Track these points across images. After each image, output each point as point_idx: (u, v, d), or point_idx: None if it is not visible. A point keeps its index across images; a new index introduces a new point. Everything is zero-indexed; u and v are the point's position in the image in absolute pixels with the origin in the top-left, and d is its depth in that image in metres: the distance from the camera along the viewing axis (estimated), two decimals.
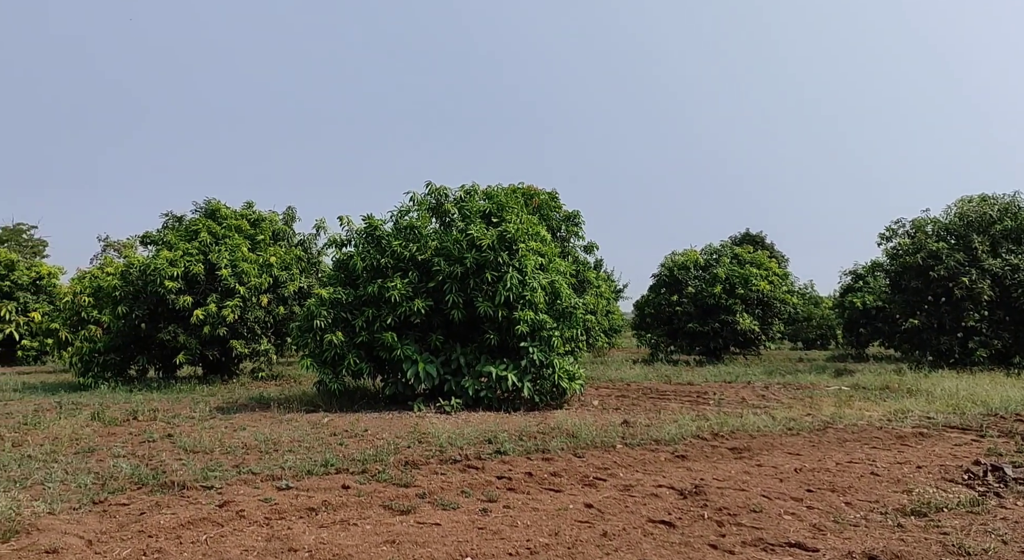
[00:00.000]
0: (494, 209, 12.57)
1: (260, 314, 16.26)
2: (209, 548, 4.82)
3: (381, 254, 12.19)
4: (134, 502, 5.90)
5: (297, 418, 10.58)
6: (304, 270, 18.14)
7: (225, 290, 15.89)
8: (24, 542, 4.83)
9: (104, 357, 16.40)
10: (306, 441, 8.61)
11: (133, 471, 6.89)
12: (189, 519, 5.42)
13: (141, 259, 16.45)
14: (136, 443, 8.61)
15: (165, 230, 18.06)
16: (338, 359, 11.82)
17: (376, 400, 12.41)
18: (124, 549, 4.78)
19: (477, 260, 11.62)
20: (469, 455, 7.76)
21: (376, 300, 11.91)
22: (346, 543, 4.92)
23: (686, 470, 7.11)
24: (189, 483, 6.48)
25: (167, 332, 15.69)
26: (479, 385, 11.49)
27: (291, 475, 6.87)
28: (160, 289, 15.35)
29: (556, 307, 12.13)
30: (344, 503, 5.92)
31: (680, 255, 23.84)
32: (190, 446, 8.25)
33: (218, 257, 16.02)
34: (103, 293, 17.24)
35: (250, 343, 16.31)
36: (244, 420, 10.40)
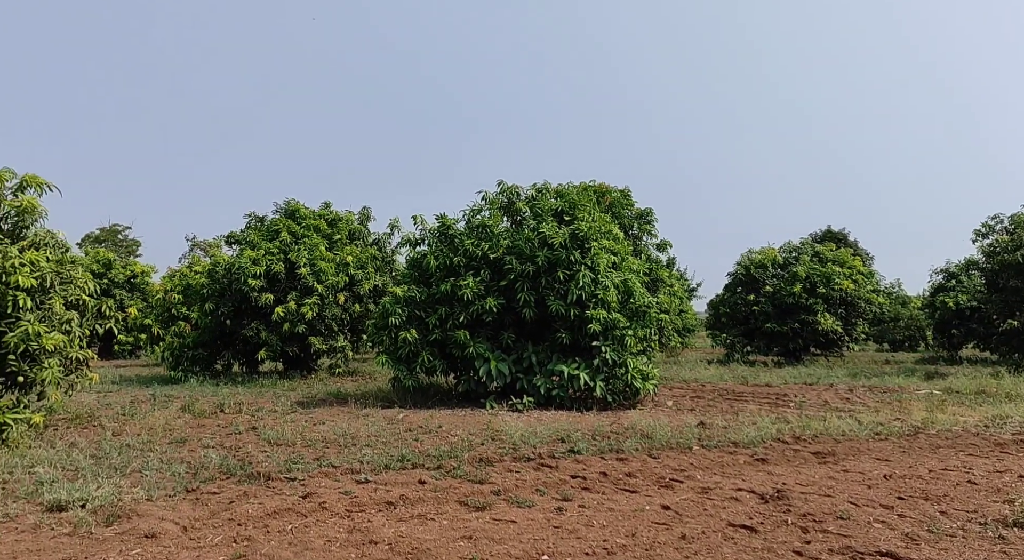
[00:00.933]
0: (566, 207, 12.52)
1: (337, 312, 16.70)
2: (294, 538, 4.98)
3: (454, 253, 12.33)
4: (224, 491, 6.14)
5: (373, 413, 10.81)
6: (379, 269, 18.53)
7: (304, 288, 16.39)
8: (125, 526, 5.10)
9: (193, 352, 17.18)
10: (383, 436, 8.78)
11: (222, 461, 7.18)
12: (275, 509, 5.61)
13: (226, 258, 17.16)
14: (224, 435, 8.96)
15: (248, 230, 18.78)
16: (412, 356, 12.02)
17: (449, 397, 12.56)
18: (216, 536, 4.98)
19: (549, 258, 11.60)
20: (542, 453, 7.76)
21: (449, 298, 12.06)
22: (424, 537, 4.99)
23: (767, 474, 6.90)
24: (274, 474, 6.70)
25: (250, 328, 16.30)
26: (551, 384, 11.48)
27: (369, 469, 7.02)
28: (244, 287, 15.96)
29: (629, 306, 11.99)
30: (421, 498, 6.01)
31: (757, 253, 23.19)
32: (273, 439, 8.54)
33: (297, 256, 16.54)
34: (191, 291, 18.06)
35: (327, 340, 16.77)
36: (323, 414, 10.70)
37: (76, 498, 5.58)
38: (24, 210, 9.09)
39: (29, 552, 4.56)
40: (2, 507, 5.47)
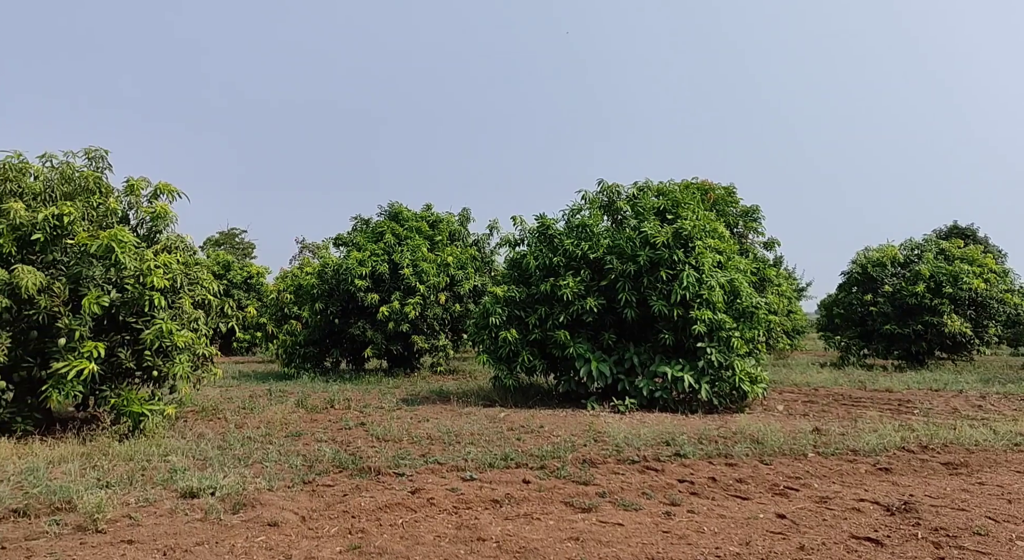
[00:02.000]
0: (668, 205, 12.27)
1: (438, 311, 17.05)
2: (405, 532, 5.10)
3: (553, 253, 12.33)
4: (338, 484, 6.38)
5: (475, 412, 10.96)
6: (478, 269, 18.79)
7: (407, 288, 16.84)
8: (250, 514, 5.39)
9: (304, 349, 17.99)
10: (485, 434, 8.88)
11: (334, 455, 7.46)
12: (386, 503, 5.78)
13: (334, 259, 17.87)
14: (335, 429, 9.32)
15: (354, 232, 19.48)
16: (512, 356, 12.11)
17: (550, 397, 12.56)
18: (332, 527, 5.18)
19: (651, 258, 11.40)
20: (647, 456, 7.63)
21: (549, 298, 12.06)
22: (531, 537, 5.00)
23: (891, 484, 6.50)
24: (383, 469, 6.91)
25: (357, 327, 16.90)
26: (654, 385, 11.27)
27: (474, 467, 7.12)
28: (351, 287, 16.57)
29: (736, 306, 11.62)
30: (526, 497, 6.03)
31: (875, 251, 21.91)
32: (381, 434, 8.80)
33: (401, 257, 17.02)
34: (303, 291, 18.91)
35: (429, 339, 17.16)
36: (427, 412, 10.94)
37: (206, 486, 5.94)
38: (157, 216, 9.79)
39: (167, 535, 4.89)
40: (143, 492, 5.90)
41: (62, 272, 8.66)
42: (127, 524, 5.11)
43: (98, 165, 9.78)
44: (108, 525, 5.03)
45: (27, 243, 8.62)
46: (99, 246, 8.40)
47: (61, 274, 8.60)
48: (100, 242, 8.39)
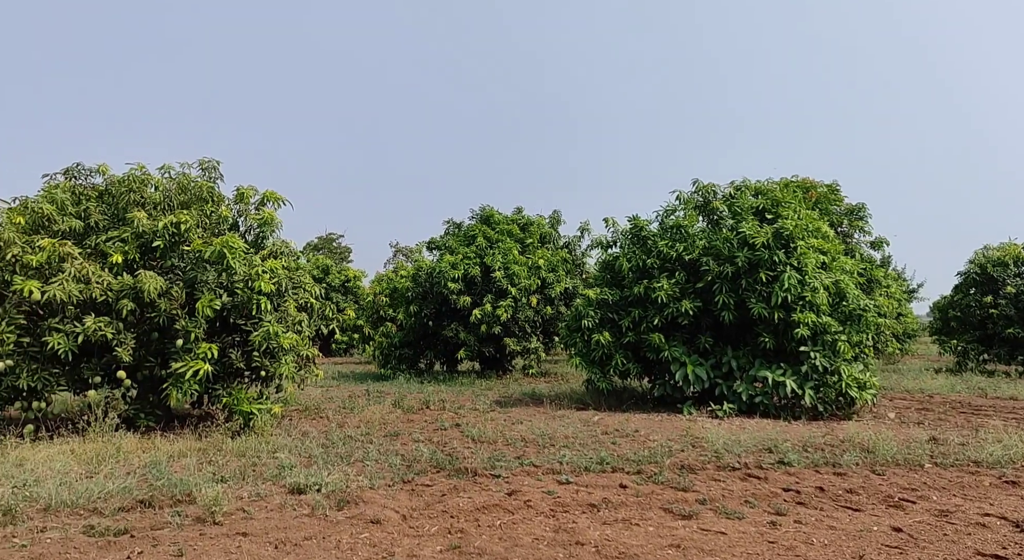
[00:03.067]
0: (768, 205, 11.85)
1: (530, 314, 17.11)
2: (504, 533, 5.13)
3: (647, 254, 12.13)
4: (436, 484, 6.49)
5: (568, 415, 10.91)
6: (569, 271, 18.74)
7: (499, 291, 16.98)
8: (354, 511, 5.55)
9: (399, 351, 18.45)
10: (579, 438, 8.82)
11: (432, 455, 7.60)
12: (483, 504, 5.83)
13: (428, 263, 18.25)
14: (431, 430, 9.49)
15: (447, 236, 19.83)
16: (605, 359, 11.99)
17: (644, 400, 12.36)
18: (432, 526, 5.27)
19: (750, 259, 11.03)
20: (748, 463, 7.37)
21: (642, 301, 11.88)
22: (630, 542, 4.92)
23: (1020, 498, 6.02)
24: (480, 471, 6.97)
25: (450, 329, 17.19)
26: (753, 390, 10.89)
27: (569, 470, 7.08)
28: (444, 290, 16.87)
29: (841, 309, 11.08)
30: (624, 502, 5.95)
31: (996, 249, 20.39)
32: (476, 436, 8.89)
33: (492, 260, 17.19)
34: (397, 294, 19.41)
35: (521, 341, 17.24)
36: (520, 414, 10.98)
37: (312, 483, 6.17)
38: (264, 222, 10.28)
39: (278, 529, 5.11)
40: (254, 487, 6.19)
41: (179, 277, 9.22)
42: (241, 517, 5.37)
43: (211, 175, 10.36)
44: (224, 518, 5.30)
45: (148, 249, 9.22)
46: (212, 252, 8.90)
47: (178, 279, 9.15)
48: (213, 248, 8.88)
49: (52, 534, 4.89)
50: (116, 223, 9.47)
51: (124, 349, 8.45)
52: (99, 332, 8.27)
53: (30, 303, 8.31)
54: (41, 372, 8.44)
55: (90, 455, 7.18)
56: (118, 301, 8.48)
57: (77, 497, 5.60)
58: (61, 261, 8.42)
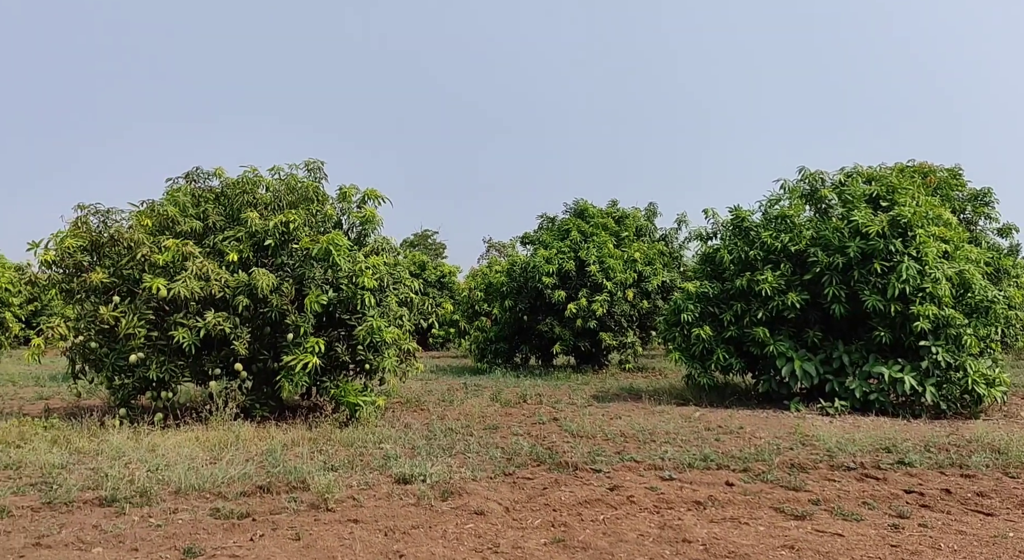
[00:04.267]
0: (882, 192, 11.19)
1: (626, 308, 16.90)
2: (607, 528, 5.08)
3: (749, 246, 11.72)
4: (536, 477, 6.51)
5: (668, 410, 10.71)
6: (666, 264, 18.37)
7: (594, 285, 16.86)
8: (458, 502, 5.65)
9: (495, 345, 18.64)
10: (681, 434, 8.64)
11: (531, 449, 7.62)
12: (585, 498, 5.79)
13: (522, 258, 18.34)
14: (529, 424, 9.53)
15: (540, 230, 19.86)
16: (706, 353, 11.68)
17: (747, 397, 11.98)
18: (535, 519, 5.28)
19: (862, 249, 10.46)
20: (864, 463, 7.00)
21: (745, 294, 11.49)
22: (740, 541, 4.77)
23: None
24: (580, 465, 6.94)
25: (545, 324, 17.21)
26: (867, 387, 10.34)
27: (672, 466, 6.94)
28: (538, 285, 16.90)
29: (966, 301, 10.34)
30: (731, 500, 5.77)
31: None
32: (574, 430, 8.86)
33: (587, 254, 17.08)
34: (492, 289, 19.61)
35: (617, 335, 17.06)
36: (618, 409, 10.87)
37: (417, 473, 6.31)
38: (366, 220, 10.62)
39: (386, 517, 5.26)
40: (362, 476, 6.40)
41: (288, 274, 9.65)
42: (351, 505, 5.56)
43: (316, 175, 10.79)
44: (336, 505, 5.50)
45: (261, 248, 9.70)
46: (319, 249, 9.27)
47: (288, 275, 9.58)
48: (320, 246, 9.25)
49: (183, 515, 5.22)
50: (231, 223, 10.00)
51: (240, 343, 8.92)
52: (218, 327, 8.77)
53: (157, 299, 8.90)
54: (168, 364, 9.04)
55: (213, 442, 7.63)
56: (234, 297, 8.96)
57: (203, 481, 5.96)
58: (184, 260, 8.99)
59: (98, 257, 9.53)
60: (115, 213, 9.74)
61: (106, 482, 5.92)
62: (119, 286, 9.31)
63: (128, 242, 9.19)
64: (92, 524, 4.99)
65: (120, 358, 9.00)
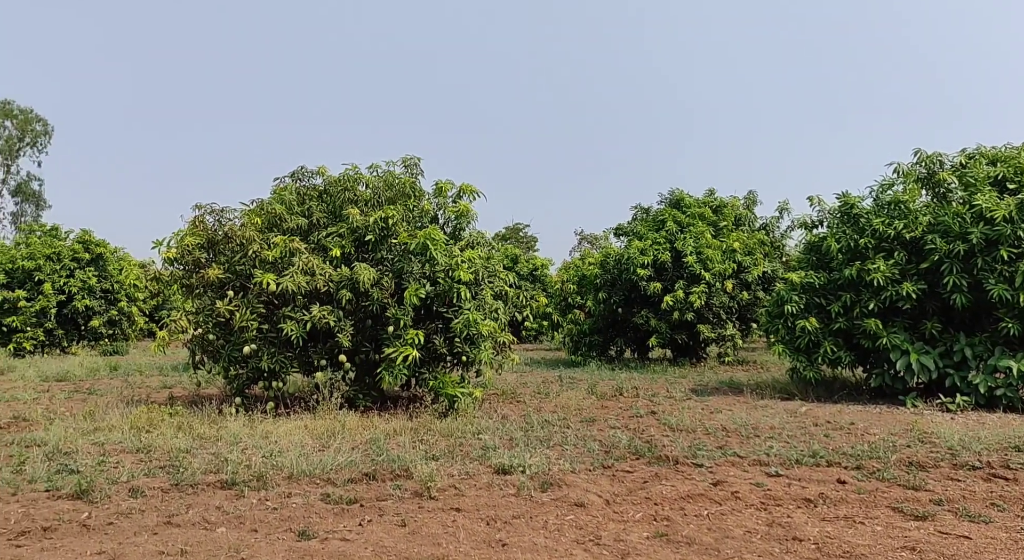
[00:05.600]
0: (1008, 173, 10.37)
1: (724, 299, 16.42)
2: (711, 524, 4.95)
3: (859, 234, 11.12)
4: (636, 471, 6.43)
5: (771, 405, 10.34)
6: (767, 254, 17.73)
7: (691, 276, 16.47)
8: (557, 494, 5.65)
9: (588, 338, 18.53)
10: (786, 429, 8.32)
11: (629, 442, 7.54)
12: (687, 493, 5.67)
13: (616, 249, 18.12)
14: (626, 417, 9.43)
15: (634, 221, 19.57)
16: (812, 346, 11.19)
17: (857, 391, 11.40)
18: (636, 512, 5.22)
19: (986, 235, 9.73)
20: (992, 462, 6.52)
21: (854, 284, 10.92)
22: (856, 541, 4.54)
23: None
24: (681, 459, 6.80)
25: (640, 317, 16.95)
26: (993, 381, 9.62)
27: (778, 462, 6.70)
28: (633, 277, 16.67)
29: None
30: (843, 498, 5.51)
31: None
32: (673, 424, 8.69)
33: (683, 245, 16.69)
34: (585, 281, 19.48)
35: (716, 328, 16.60)
36: (718, 403, 10.58)
37: (516, 464, 6.36)
38: (461, 214, 10.77)
39: (487, 506, 5.32)
40: (462, 466, 6.51)
41: (388, 268, 9.92)
42: (453, 494, 5.66)
43: (412, 171, 11.03)
44: (439, 493, 5.62)
45: (361, 243, 10.02)
46: (417, 244, 9.48)
47: (387, 270, 9.85)
48: (418, 241, 9.46)
49: (296, 500, 5.47)
50: (334, 220, 10.38)
51: (344, 335, 9.26)
52: (323, 320, 9.12)
53: (267, 294, 9.35)
54: (278, 355, 9.49)
55: (320, 431, 7.96)
56: (338, 291, 9.30)
57: (313, 468, 6.22)
58: (290, 256, 9.40)
59: (214, 254, 10.11)
60: (228, 212, 10.31)
61: (226, 466, 6.28)
62: (233, 281, 9.84)
63: (240, 239, 9.70)
64: (215, 505, 5.30)
65: (235, 349, 9.52)
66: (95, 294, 22.30)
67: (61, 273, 21.74)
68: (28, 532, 4.73)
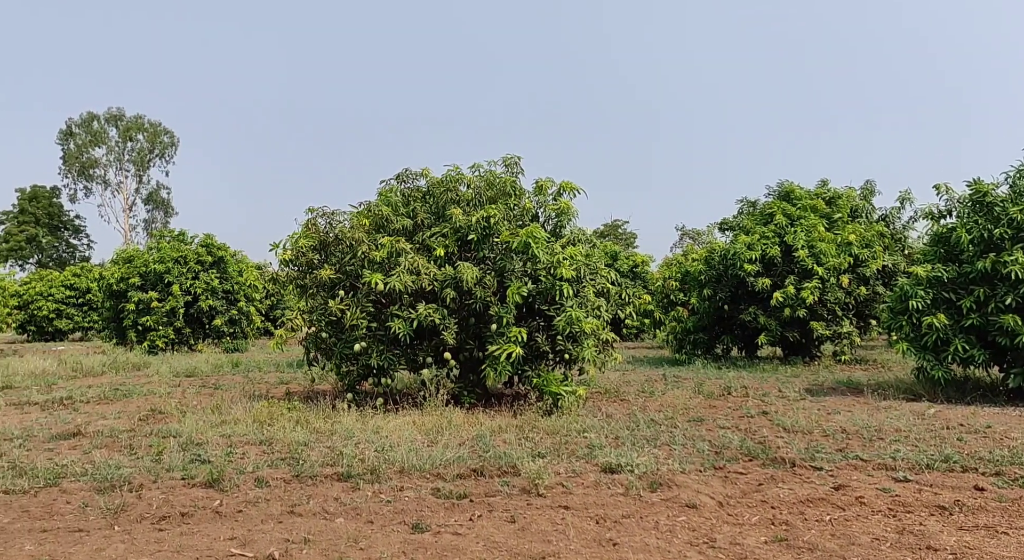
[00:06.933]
0: None
1: (840, 295, 15.59)
2: (835, 530, 4.70)
3: (993, 223, 10.28)
4: (750, 473, 6.19)
5: (896, 406, 9.73)
6: (887, 247, 16.69)
7: (802, 271, 15.74)
8: (667, 494, 5.52)
9: (693, 336, 18.06)
10: (913, 432, 7.80)
11: (741, 443, 7.27)
12: (807, 497, 5.41)
13: (721, 245, 17.56)
14: (736, 417, 9.11)
15: (740, 215, 18.90)
16: (940, 344, 10.42)
17: (993, 393, 10.54)
18: (752, 516, 5.02)
19: None
20: None
21: (988, 277, 10.11)
22: (999, 552, 4.19)
23: None
24: (798, 461, 6.50)
25: (748, 314, 16.35)
26: None
27: (906, 467, 6.29)
28: (740, 272, 16.10)
29: None
30: (982, 506, 5.11)
31: None
32: (787, 425, 8.33)
33: (794, 238, 15.97)
34: (689, 278, 19.01)
35: (830, 325, 15.78)
36: (835, 404, 10.06)
37: (624, 463, 6.27)
38: (562, 212, 10.74)
39: (596, 505, 5.27)
40: (568, 464, 6.48)
41: (490, 267, 10.02)
42: (560, 491, 5.64)
43: (513, 170, 11.09)
44: (546, 491, 5.61)
45: (464, 242, 10.17)
46: (519, 242, 9.52)
47: (490, 268, 9.95)
48: (520, 239, 9.50)
49: (408, 493, 5.61)
50: (437, 220, 10.59)
51: (449, 333, 9.43)
52: (429, 318, 9.32)
53: (375, 293, 9.65)
54: (386, 353, 9.78)
55: (428, 426, 8.13)
56: (442, 290, 9.48)
57: (423, 462, 6.36)
58: (397, 256, 9.66)
59: (325, 255, 10.54)
60: (339, 214, 10.71)
61: (341, 460, 6.53)
62: (343, 281, 10.23)
63: (350, 241, 10.07)
64: (333, 497, 5.52)
65: (346, 347, 9.88)
66: (217, 295, 23.77)
67: (187, 275, 23.32)
68: (168, 517, 5.08)
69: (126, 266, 23.39)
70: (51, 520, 5.02)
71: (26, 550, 4.44)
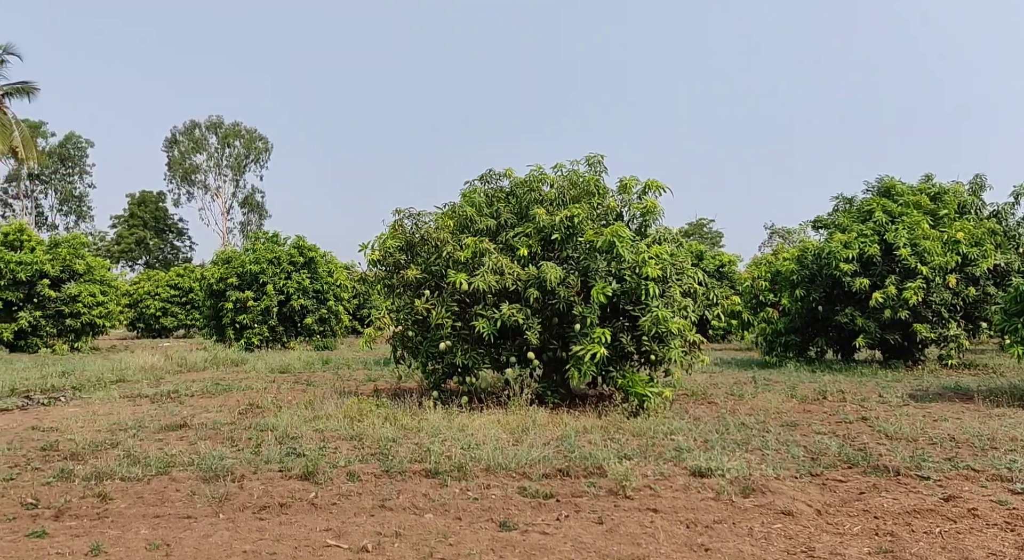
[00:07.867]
0: None
1: (946, 296, 14.69)
2: (946, 542, 4.42)
3: None
4: (849, 480, 5.91)
5: (1010, 413, 9.09)
6: (1000, 245, 15.60)
7: (904, 271, 14.92)
8: (761, 500, 5.33)
9: (784, 338, 17.41)
10: None
11: (840, 449, 6.95)
12: (913, 507, 5.12)
13: (814, 243, 16.87)
14: (832, 422, 8.73)
15: (835, 213, 18.11)
16: None
17: None
18: (854, 525, 4.79)
19: None
20: None
21: None
22: None
23: None
24: (902, 470, 6.16)
25: (843, 315, 15.64)
26: None
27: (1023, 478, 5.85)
28: (835, 272, 15.41)
29: None
30: None
31: None
32: (889, 432, 7.91)
33: (895, 236, 15.16)
34: (780, 277, 18.35)
35: (936, 327, 14.89)
36: (942, 410, 9.48)
37: (714, 467, 6.09)
38: (647, 210, 10.57)
39: (685, 509, 5.15)
40: (656, 466, 6.36)
41: (574, 266, 9.96)
42: (648, 494, 5.54)
43: (596, 169, 10.99)
44: (634, 493, 5.52)
45: (547, 242, 10.15)
46: (603, 242, 9.43)
47: (573, 268, 9.89)
48: (604, 238, 9.40)
49: (495, 491, 5.64)
50: (520, 220, 10.61)
51: (532, 333, 9.43)
52: (512, 318, 9.35)
53: (460, 293, 9.76)
54: (471, 352, 9.88)
55: (513, 425, 8.15)
56: (526, 290, 9.49)
57: (509, 461, 6.38)
58: (480, 256, 9.74)
59: (411, 256, 10.74)
60: (424, 215, 10.89)
61: (429, 456, 6.63)
62: (429, 281, 10.40)
63: (435, 241, 10.22)
64: (422, 493, 5.61)
65: (432, 346, 10.04)
66: (308, 294, 24.66)
67: (280, 275, 24.30)
68: (267, 507, 5.29)
69: (225, 267, 24.60)
70: (162, 506, 5.31)
71: (141, 534, 4.71)
